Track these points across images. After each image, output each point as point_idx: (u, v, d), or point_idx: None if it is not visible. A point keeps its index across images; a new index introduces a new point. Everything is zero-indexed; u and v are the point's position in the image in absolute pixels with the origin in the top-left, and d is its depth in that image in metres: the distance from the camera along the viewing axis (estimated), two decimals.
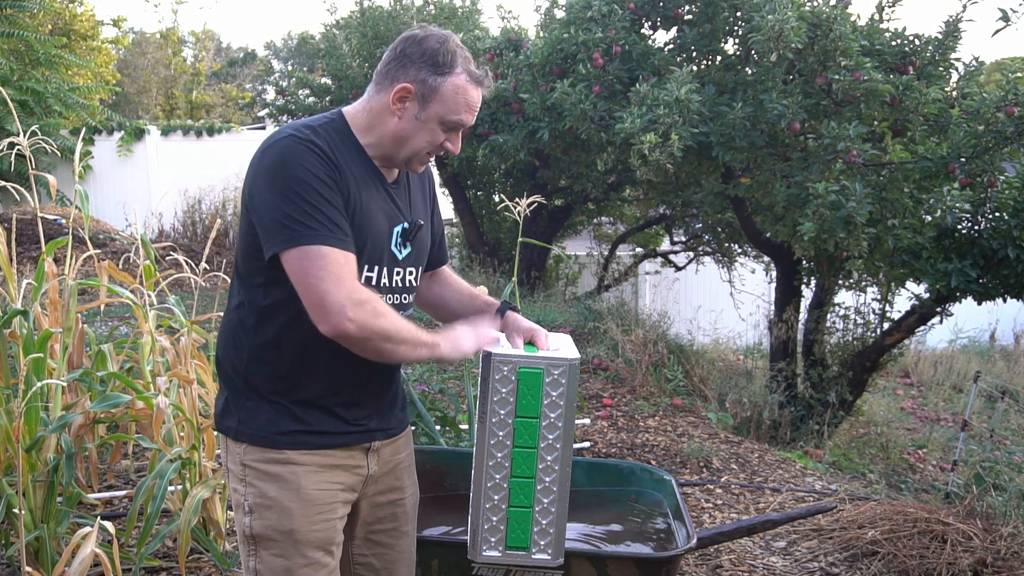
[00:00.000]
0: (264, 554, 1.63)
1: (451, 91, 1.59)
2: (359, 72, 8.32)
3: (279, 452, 1.63)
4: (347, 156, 1.60)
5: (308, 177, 1.51)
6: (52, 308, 2.85)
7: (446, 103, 1.60)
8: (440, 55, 1.58)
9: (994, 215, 4.51)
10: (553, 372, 1.70)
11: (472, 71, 1.61)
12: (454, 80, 1.59)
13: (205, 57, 22.59)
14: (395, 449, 1.80)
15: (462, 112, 1.61)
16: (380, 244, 1.65)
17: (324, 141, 1.57)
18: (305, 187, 1.50)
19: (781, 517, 2.50)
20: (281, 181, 1.51)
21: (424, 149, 1.64)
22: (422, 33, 1.61)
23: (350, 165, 1.60)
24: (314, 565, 1.63)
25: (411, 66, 1.59)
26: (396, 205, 1.69)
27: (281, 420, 1.62)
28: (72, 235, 2.90)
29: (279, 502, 1.62)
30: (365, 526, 1.79)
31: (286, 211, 1.49)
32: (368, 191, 1.62)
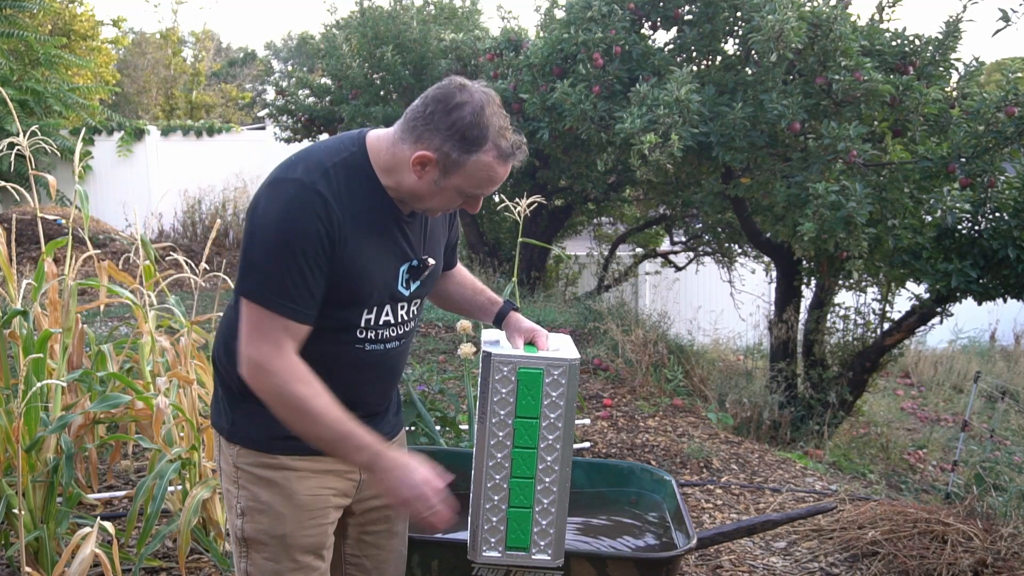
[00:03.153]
0: (255, 557, 1.64)
1: (475, 167, 1.51)
2: (359, 72, 8.32)
3: (272, 457, 1.62)
4: (358, 198, 1.53)
5: (296, 241, 1.47)
6: (52, 308, 2.85)
7: (468, 178, 1.52)
8: (471, 130, 1.48)
9: (994, 215, 4.51)
10: (553, 372, 1.70)
11: (502, 147, 1.51)
12: (481, 157, 1.50)
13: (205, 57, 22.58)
14: None
15: (484, 187, 1.55)
16: (383, 286, 1.61)
17: (333, 188, 1.50)
18: (289, 251, 1.47)
19: (781, 517, 2.50)
20: (271, 232, 1.48)
21: (439, 210, 1.61)
22: (459, 98, 1.49)
23: (359, 209, 1.53)
24: (304, 569, 1.64)
25: (437, 134, 1.49)
26: (408, 242, 1.63)
27: (275, 424, 1.61)
28: (72, 235, 2.90)
29: (271, 507, 1.62)
30: (358, 527, 1.80)
31: (260, 264, 1.49)
32: (376, 235, 1.57)
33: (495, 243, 9.35)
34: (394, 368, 1.74)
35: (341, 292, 1.56)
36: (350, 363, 1.64)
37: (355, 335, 1.63)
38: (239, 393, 1.64)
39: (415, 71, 8.23)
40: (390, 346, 1.69)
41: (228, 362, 1.66)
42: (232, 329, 1.66)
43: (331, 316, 1.58)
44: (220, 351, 1.69)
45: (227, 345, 1.67)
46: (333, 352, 1.62)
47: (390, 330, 1.67)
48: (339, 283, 1.54)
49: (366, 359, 1.66)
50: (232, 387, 1.66)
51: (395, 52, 7.91)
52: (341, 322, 1.60)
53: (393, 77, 8.12)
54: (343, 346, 1.62)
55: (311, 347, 1.58)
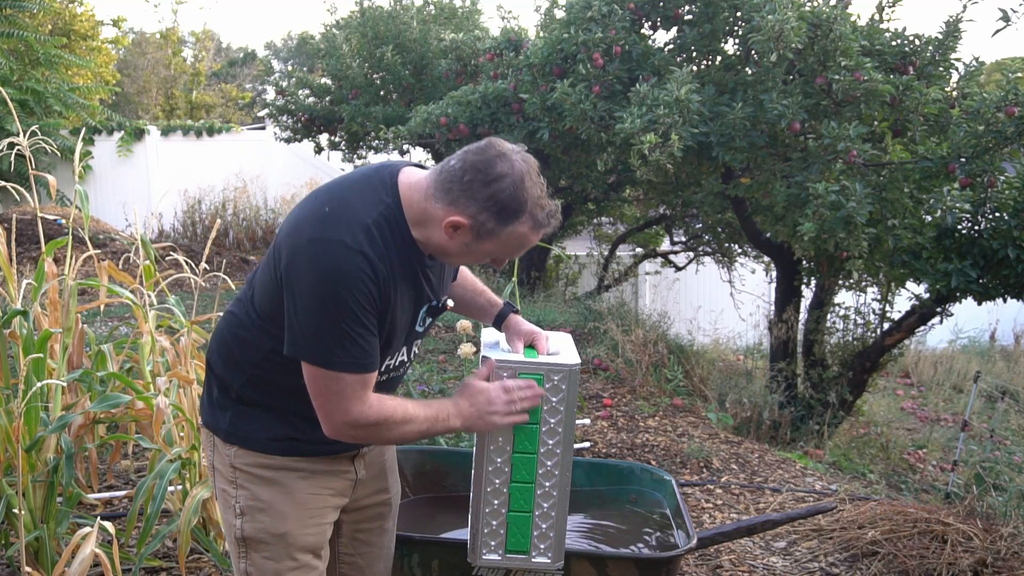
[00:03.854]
0: (255, 556, 1.64)
1: (509, 237, 1.51)
2: (359, 72, 8.32)
3: (271, 457, 1.63)
4: (395, 253, 1.52)
5: (351, 305, 1.45)
6: (52, 308, 2.85)
7: (500, 245, 1.53)
8: (510, 203, 1.47)
9: (994, 215, 4.51)
10: (553, 378, 1.70)
11: (538, 218, 1.50)
12: (516, 228, 1.50)
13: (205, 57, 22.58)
14: (379, 451, 1.82)
15: (514, 253, 1.56)
16: (406, 332, 1.63)
17: (377, 248, 1.48)
18: (344, 314, 1.45)
19: (781, 517, 2.50)
20: (323, 299, 1.45)
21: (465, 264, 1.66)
22: (499, 169, 1.47)
23: (395, 265, 1.52)
24: (303, 568, 1.64)
25: (473, 203, 1.47)
26: (429, 284, 1.63)
27: (275, 426, 1.62)
28: (72, 235, 2.90)
29: (273, 505, 1.62)
30: (352, 524, 1.81)
31: (320, 331, 1.47)
32: (406, 284, 1.56)
33: None
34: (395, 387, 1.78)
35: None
36: None
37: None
38: (237, 398, 1.64)
39: (415, 71, 8.23)
40: (395, 375, 1.72)
41: (225, 368, 1.66)
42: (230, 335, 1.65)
43: None
44: (215, 356, 1.69)
45: (223, 351, 1.66)
46: None
47: (400, 369, 1.71)
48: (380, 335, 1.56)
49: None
50: (230, 392, 1.66)
51: (395, 52, 7.91)
52: None
53: (393, 77, 8.13)
54: None
55: None
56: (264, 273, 1.58)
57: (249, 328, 1.62)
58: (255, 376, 1.62)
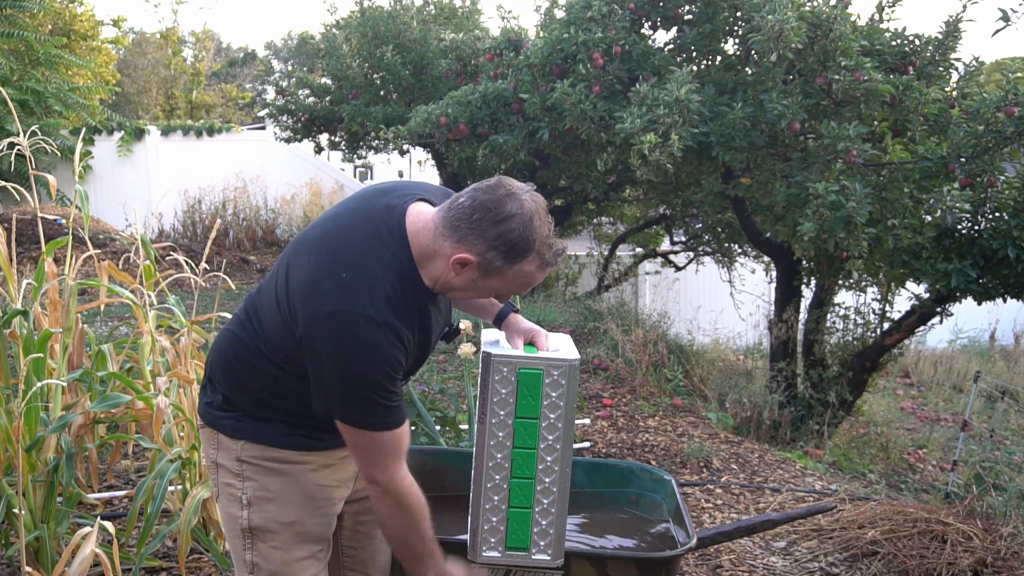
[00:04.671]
0: (262, 546, 1.65)
1: (516, 275, 1.53)
2: (359, 72, 8.32)
3: (280, 451, 1.65)
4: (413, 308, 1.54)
5: (379, 380, 1.48)
6: (52, 308, 2.85)
7: (506, 282, 1.54)
8: (517, 244, 1.48)
9: (994, 215, 4.51)
10: (553, 373, 1.70)
11: (545, 257, 1.51)
12: (523, 267, 1.51)
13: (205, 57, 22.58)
14: None
15: (520, 289, 1.58)
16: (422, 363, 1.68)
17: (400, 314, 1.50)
18: (375, 387, 1.49)
19: (781, 517, 2.50)
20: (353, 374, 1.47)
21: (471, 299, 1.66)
22: (508, 209, 1.47)
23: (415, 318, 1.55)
24: (310, 559, 1.66)
25: (482, 241, 1.48)
26: (441, 313, 1.67)
27: (280, 424, 1.65)
28: (72, 235, 2.90)
29: (281, 494, 1.64)
30: (353, 517, 1.83)
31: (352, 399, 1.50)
32: (426, 328, 1.59)
33: None
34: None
35: None
36: None
37: None
38: (243, 408, 1.66)
39: (415, 71, 8.23)
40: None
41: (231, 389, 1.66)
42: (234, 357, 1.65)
43: None
44: (219, 374, 1.69)
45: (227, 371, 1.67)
46: None
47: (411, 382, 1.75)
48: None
49: None
50: (236, 403, 1.66)
51: (395, 52, 7.91)
52: None
53: (393, 77, 8.13)
54: None
55: None
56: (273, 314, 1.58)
57: (256, 354, 1.62)
58: (261, 398, 1.64)
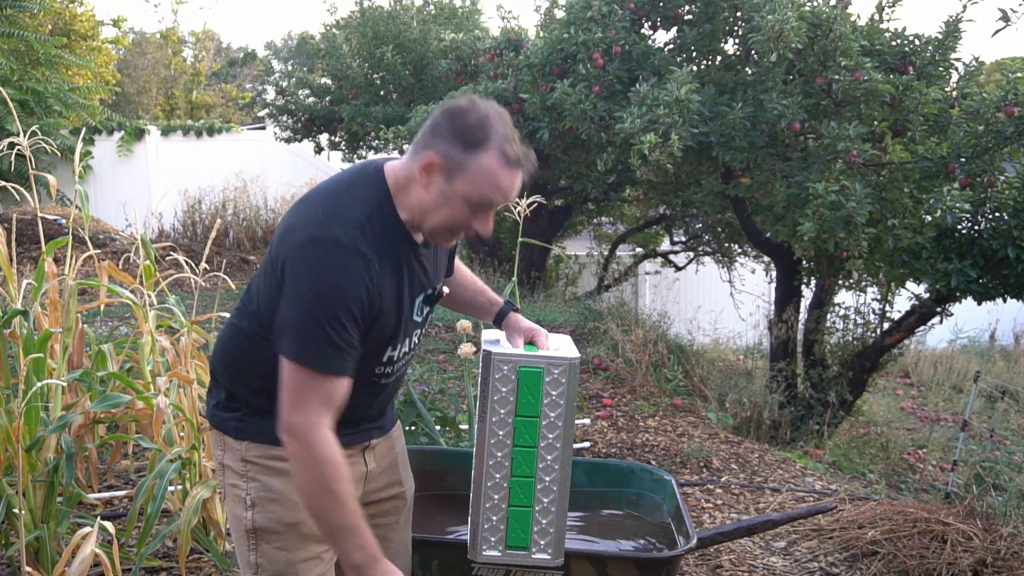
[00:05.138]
0: (266, 547, 1.64)
1: (478, 170, 1.49)
2: (359, 72, 8.32)
3: (282, 449, 1.63)
4: (389, 247, 1.54)
5: (342, 304, 1.47)
6: (52, 308, 2.85)
7: (472, 182, 1.50)
8: (474, 131, 1.49)
9: (994, 215, 4.51)
10: (553, 371, 1.70)
11: (507, 152, 1.50)
12: (483, 159, 1.49)
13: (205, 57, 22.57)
14: (389, 445, 1.82)
15: (490, 193, 1.51)
16: (404, 323, 1.63)
17: (372, 244, 1.50)
18: (329, 317, 1.47)
19: (781, 517, 2.50)
20: (313, 296, 1.47)
21: (447, 225, 1.55)
22: (464, 106, 1.52)
23: (390, 258, 1.54)
24: (315, 560, 1.65)
25: (441, 139, 1.50)
26: (424, 272, 1.65)
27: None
28: (72, 235, 2.90)
29: (284, 495, 1.63)
30: (368, 520, 1.80)
31: (304, 326, 1.48)
32: (401, 275, 1.58)
33: (495, 243, 9.35)
34: (400, 383, 1.78)
35: (374, 338, 1.58)
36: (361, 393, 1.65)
37: (374, 372, 1.65)
38: (245, 403, 1.66)
39: (415, 71, 8.23)
40: (399, 369, 1.73)
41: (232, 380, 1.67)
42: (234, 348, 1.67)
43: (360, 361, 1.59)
44: (220, 367, 1.70)
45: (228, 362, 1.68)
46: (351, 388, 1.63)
47: (403, 360, 1.71)
48: (374, 331, 1.56)
49: (379, 389, 1.70)
50: (238, 399, 1.67)
51: (395, 52, 7.91)
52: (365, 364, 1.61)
53: (393, 77, 8.13)
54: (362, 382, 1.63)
55: None
56: (262, 283, 1.59)
57: (254, 339, 1.63)
58: (262, 387, 1.63)
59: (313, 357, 1.48)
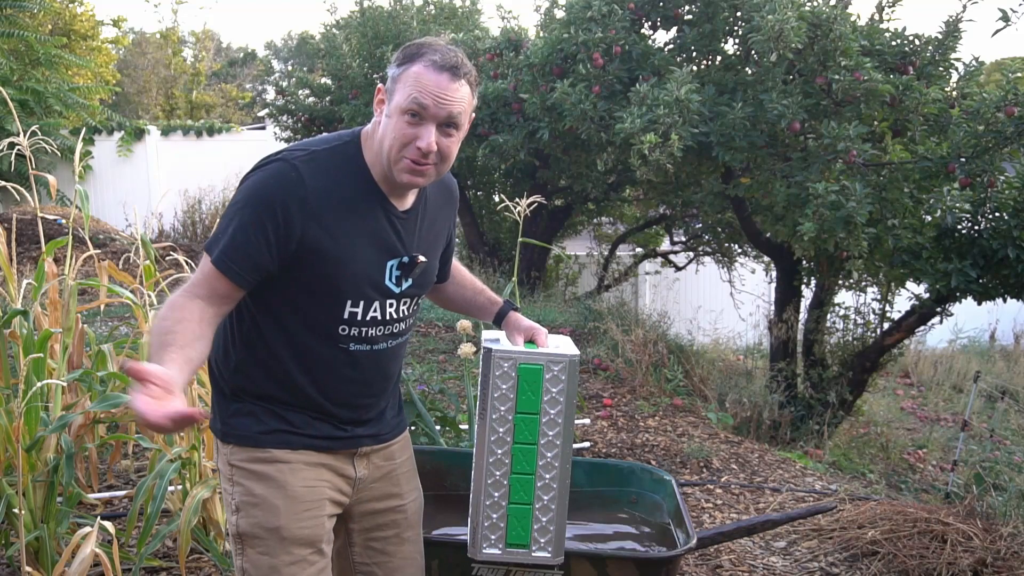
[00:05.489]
0: (251, 552, 1.63)
1: (408, 77, 1.54)
2: (359, 72, 8.32)
3: (264, 451, 1.62)
4: (344, 184, 1.57)
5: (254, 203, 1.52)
6: (52, 308, 2.85)
7: (402, 90, 1.54)
8: (408, 49, 1.56)
9: (994, 215, 4.51)
10: (553, 368, 1.70)
11: (435, 58, 1.53)
12: (413, 67, 1.54)
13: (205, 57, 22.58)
14: (388, 455, 1.78)
15: (415, 93, 1.51)
16: (366, 279, 1.61)
17: (313, 168, 1.55)
18: (245, 211, 1.53)
19: (781, 517, 2.50)
20: (237, 195, 1.56)
21: (394, 146, 1.54)
22: (414, 41, 1.60)
23: (342, 195, 1.56)
24: (300, 563, 1.62)
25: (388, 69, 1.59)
26: (399, 236, 1.63)
27: (265, 419, 1.63)
28: (72, 235, 2.90)
29: (265, 499, 1.61)
30: (363, 533, 1.78)
31: (222, 222, 1.56)
32: (360, 224, 1.58)
33: (495, 243, 9.35)
34: (386, 371, 1.73)
35: (316, 281, 1.57)
36: (334, 363, 1.63)
37: (338, 332, 1.62)
38: (230, 394, 1.66)
39: None
40: (378, 347, 1.67)
41: (223, 364, 1.67)
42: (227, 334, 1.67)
43: (310, 307, 1.59)
44: (215, 353, 1.70)
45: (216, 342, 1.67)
46: (315, 350, 1.62)
47: (378, 328, 1.65)
48: (312, 269, 1.56)
49: (351, 360, 1.65)
50: (224, 389, 1.67)
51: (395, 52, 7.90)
52: (323, 316, 1.60)
53: None
54: (326, 345, 1.62)
55: (294, 342, 1.61)
56: None
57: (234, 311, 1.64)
58: (241, 361, 1.64)
59: (211, 245, 1.55)
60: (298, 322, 1.60)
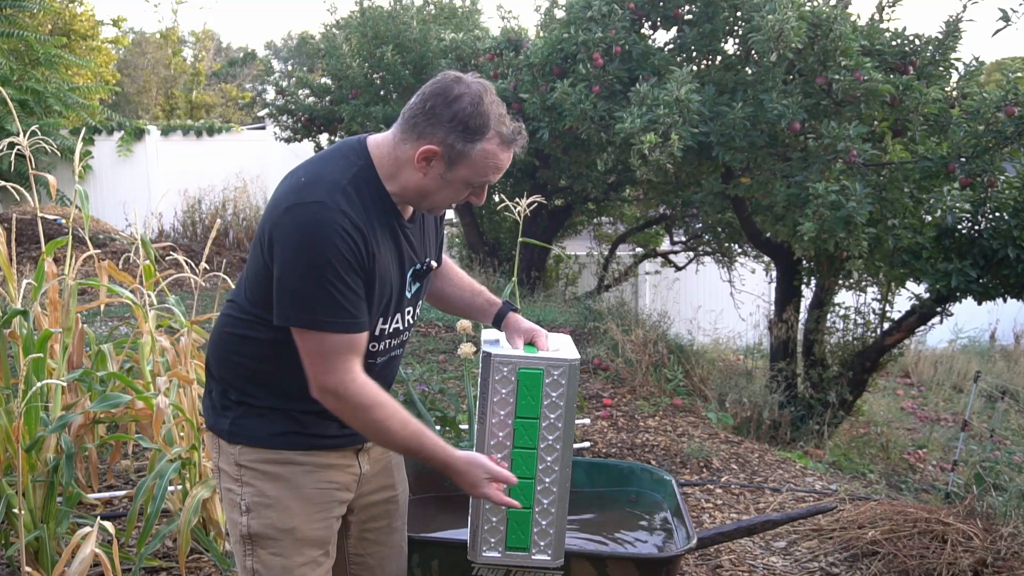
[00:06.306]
0: (262, 553, 1.63)
1: (480, 157, 1.53)
2: (359, 72, 8.32)
3: (276, 452, 1.63)
4: (373, 211, 1.55)
5: (333, 262, 1.47)
6: (52, 308, 2.85)
7: (474, 168, 1.54)
8: (473, 119, 1.50)
9: (994, 215, 4.51)
10: (553, 373, 1.70)
11: (504, 134, 1.53)
12: (484, 146, 1.52)
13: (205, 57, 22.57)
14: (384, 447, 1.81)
15: (490, 175, 1.56)
16: (395, 293, 1.63)
17: (355, 205, 1.52)
18: (327, 273, 1.47)
19: (781, 517, 2.50)
20: (305, 258, 1.48)
21: (447, 204, 1.62)
22: (457, 90, 1.52)
23: (375, 222, 1.55)
24: (312, 564, 1.64)
25: (439, 127, 1.51)
26: (411, 246, 1.65)
27: (276, 420, 1.63)
28: (72, 235, 2.90)
29: (280, 500, 1.62)
30: (359, 524, 1.80)
31: (304, 291, 1.49)
32: (387, 242, 1.58)
33: (495, 243, 9.35)
34: (393, 373, 1.78)
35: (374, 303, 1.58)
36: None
37: (368, 349, 1.63)
38: (238, 400, 1.65)
39: (415, 71, 8.22)
40: (393, 354, 1.72)
41: (224, 369, 1.67)
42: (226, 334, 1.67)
43: None
44: (213, 358, 1.69)
45: (220, 351, 1.67)
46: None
47: (395, 338, 1.70)
48: (374, 294, 1.57)
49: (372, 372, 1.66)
50: (230, 393, 1.66)
51: (395, 52, 7.90)
52: None
53: (393, 77, 8.12)
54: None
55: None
56: (252, 261, 1.61)
57: (244, 322, 1.63)
58: (254, 373, 1.63)
59: (321, 320, 1.50)
60: None
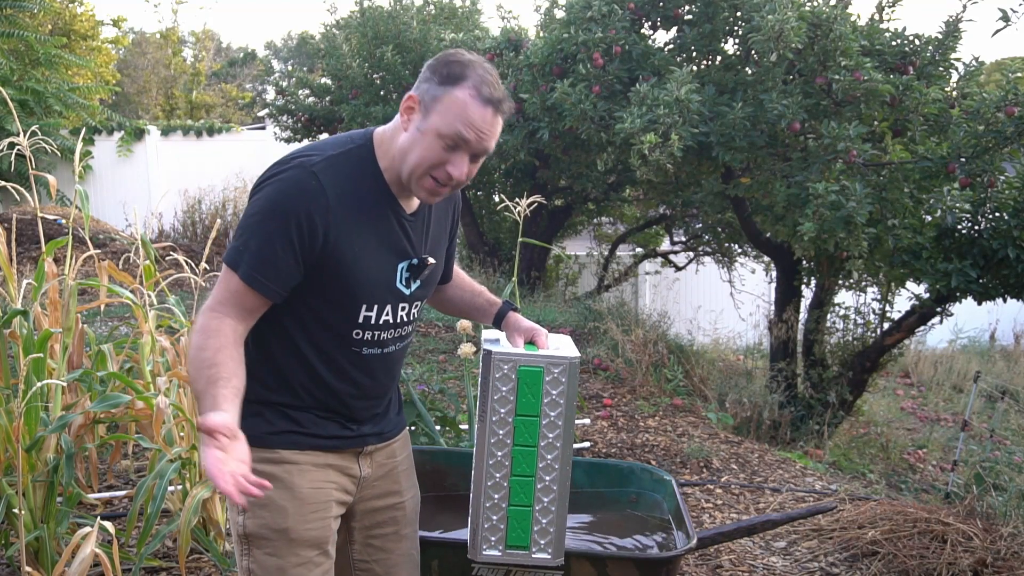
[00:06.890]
0: (257, 553, 1.63)
1: (451, 102, 1.51)
2: (359, 72, 8.32)
3: (272, 451, 1.62)
4: (360, 189, 1.56)
5: (277, 214, 1.50)
6: (52, 308, 2.85)
7: (444, 114, 1.52)
8: (452, 67, 1.53)
9: (994, 215, 4.51)
10: (553, 370, 1.70)
11: (482, 90, 1.51)
12: (457, 93, 1.51)
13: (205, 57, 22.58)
14: (390, 452, 1.79)
15: (459, 126, 1.51)
16: (380, 281, 1.62)
17: (331, 175, 1.53)
18: (268, 222, 1.51)
19: (781, 517, 2.50)
20: (257, 204, 1.53)
21: (422, 164, 1.53)
22: (451, 52, 1.57)
23: (358, 200, 1.56)
24: (307, 564, 1.63)
25: (424, 80, 1.55)
26: (408, 239, 1.64)
27: (274, 420, 1.63)
28: (72, 235, 2.90)
29: (273, 501, 1.61)
30: (364, 531, 1.78)
31: (242, 233, 1.54)
32: (375, 228, 1.58)
33: (495, 243, 9.35)
34: (392, 372, 1.75)
35: (333, 286, 1.57)
36: (345, 367, 1.64)
37: (352, 336, 1.62)
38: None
39: (415, 71, 8.22)
40: (388, 349, 1.69)
41: None
42: None
43: (326, 312, 1.59)
44: None
45: None
46: (328, 354, 1.63)
47: (389, 332, 1.67)
48: (331, 275, 1.56)
49: (363, 363, 1.66)
50: None
51: (395, 52, 7.91)
52: (338, 320, 1.61)
53: (393, 77, 8.12)
54: (339, 349, 1.63)
55: (308, 347, 1.61)
56: None
57: None
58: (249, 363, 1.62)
59: (235, 260, 1.52)
60: (313, 327, 1.61)
